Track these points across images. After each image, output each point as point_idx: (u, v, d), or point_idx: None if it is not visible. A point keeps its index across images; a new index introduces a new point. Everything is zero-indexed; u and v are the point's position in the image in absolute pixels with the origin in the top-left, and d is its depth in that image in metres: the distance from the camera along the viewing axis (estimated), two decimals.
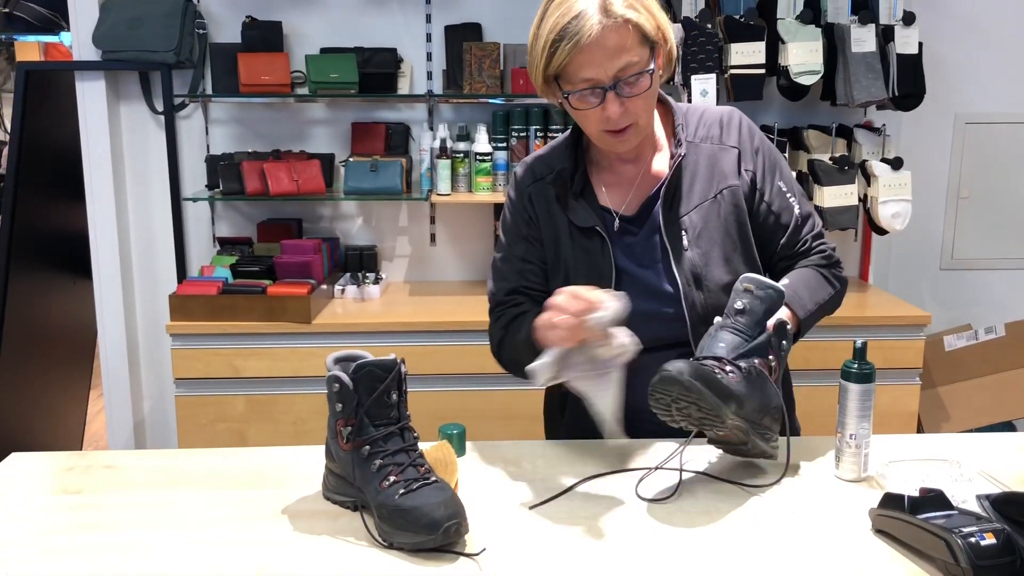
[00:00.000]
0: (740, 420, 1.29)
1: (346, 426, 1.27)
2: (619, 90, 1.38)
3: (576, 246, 1.52)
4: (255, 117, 3.14)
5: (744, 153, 1.52)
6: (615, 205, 1.53)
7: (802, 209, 1.55)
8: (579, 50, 1.35)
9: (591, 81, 1.38)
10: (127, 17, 2.93)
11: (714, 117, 1.55)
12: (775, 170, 1.54)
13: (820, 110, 3.14)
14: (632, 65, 1.37)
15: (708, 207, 1.49)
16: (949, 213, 3.37)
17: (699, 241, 1.48)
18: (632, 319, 1.46)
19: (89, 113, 3.05)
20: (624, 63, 1.37)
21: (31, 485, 1.42)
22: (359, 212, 3.23)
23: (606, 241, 1.50)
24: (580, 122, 1.47)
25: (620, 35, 1.35)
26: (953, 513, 1.14)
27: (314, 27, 3.08)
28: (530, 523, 1.27)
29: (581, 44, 1.34)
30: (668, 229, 1.49)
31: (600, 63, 1.36)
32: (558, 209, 1.54)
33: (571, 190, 1.53)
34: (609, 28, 1.35)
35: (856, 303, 3.01)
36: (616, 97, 1.38)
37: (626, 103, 1.39)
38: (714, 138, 1.53)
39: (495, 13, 3.09)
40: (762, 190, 1.52)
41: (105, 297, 3.13)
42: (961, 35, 3.22)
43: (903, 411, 2.82)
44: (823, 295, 1.50)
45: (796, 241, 1.54)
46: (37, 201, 3.09)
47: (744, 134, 1.54)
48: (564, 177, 1.54)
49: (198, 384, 2.71)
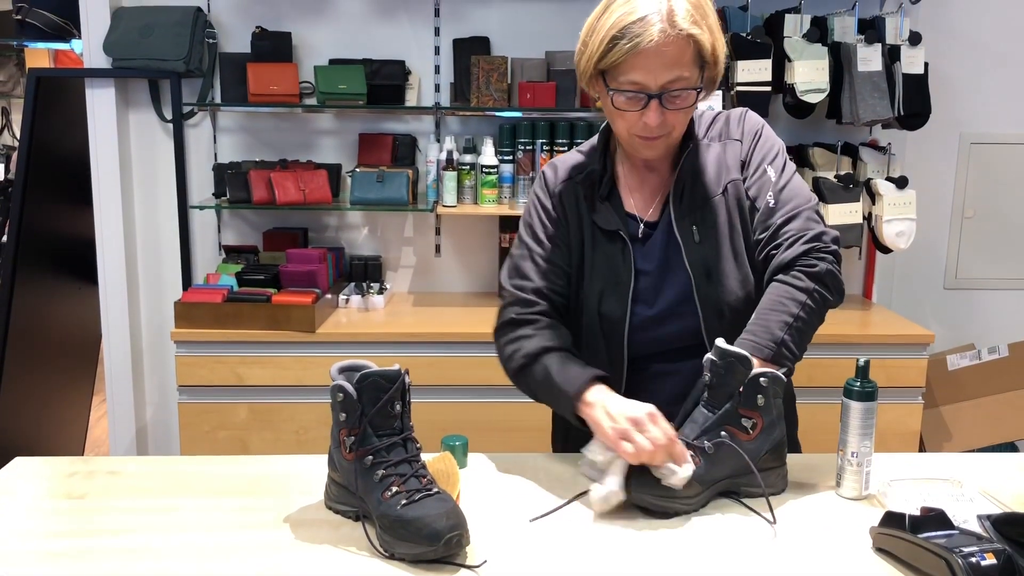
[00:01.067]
0: (710, 492, 1.34)
1: (349, 436, 1.28)
2: (663, 101, 1.39)
3: (598, 249, 1.54)
4: (263, 126, 3.16)
5: (744, 143, 1.54)
6: (639, 211, 1.55)
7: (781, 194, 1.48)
8: (636, 53, 1.35)
9: (639, 85, 1.38)
10: (138, 25, 2.95)
11: (723, 115, 1.58)
12: (765, 154, 1.52)
13: (826, 128, 3.15)
14: (682, 80, 1.38)
15: (716, 202, 1.50)
16: (953, 232, 3.37)
17: (709, 236, 1.49)
18: (649, 321, 1.51)
19: (98, 120, 3.06)
20: (675, 76, 1.38)
21: (35, 490, 1.43)
22: (364, 222, 3.24)
23: (628, 245, 1.51)
24: (613, 121, 1.48)
25: (679, 48, 1.36)
26: (954, 533, 1.14)
27: (323, 38, 3.10)
28: (531, 536, 1.27)
29: (640, 48, 1.35)
30: (679, 225, 1.50)
31: (653, 71, 1.37)
32: (585, 210, 1.55)
33: (598, 193, 1.54)
34: (670, 39, 1.35)
35: (859, 321, 3.01)
36: (659, 106, 1.39)
37: (666, 114, 1.41)
38: (722, 134, 1.55)
39: (503, 27, 3.11)
40: (747, 174, 1.52)
41: (110, 303, 3.14)
42: (967, 56, 3.24)
43: (905, 430, 2.82)
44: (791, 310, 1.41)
45: (768, 226, 1.47)
46: (45, 207, 3.11)
47: (747, 126, 1.54)
48: (593, 179, 1.55)
49: (201, 391, 2.72)
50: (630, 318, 1.51)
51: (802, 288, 1.43)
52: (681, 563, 1.20)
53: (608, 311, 1.52)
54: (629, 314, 1.51)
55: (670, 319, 1.51)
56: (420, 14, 3.10)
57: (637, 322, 1.51)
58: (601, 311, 1.53)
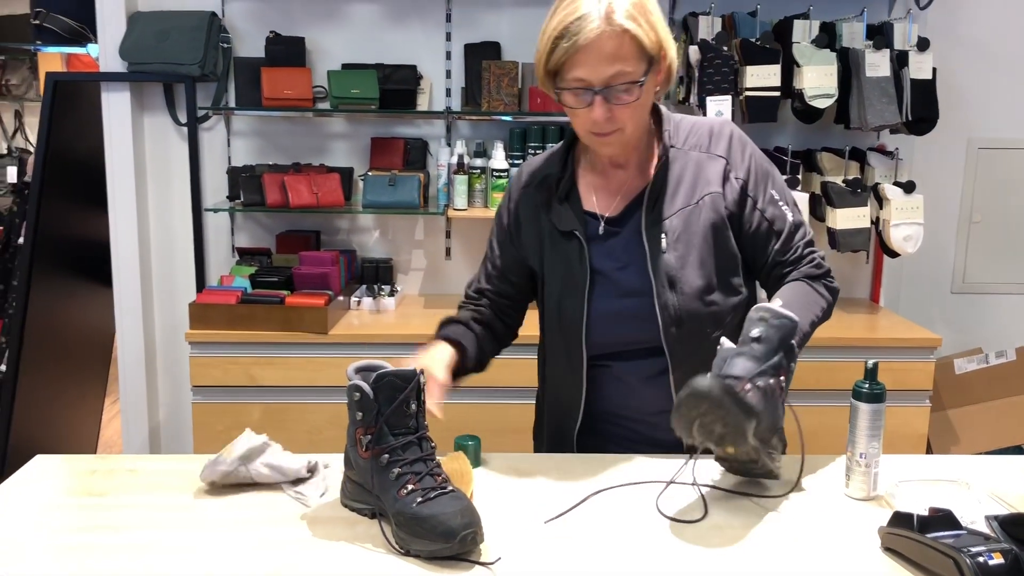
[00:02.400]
0: (755, 440, 1.31)
1: (366, 434, 1.30)
2: (607, 96, 1.42)
3: (555, 250, 1.57)
4: (276, 130, 3.19)
5: (733, 162, 1.55)
6: (602, 209, 1.56)
7: (795, 217, 1.56)
8: (576, 50, 1.39)
9: (582, 82, 1.42)
10: (154, 30, 2.98)
11: (704, 127, 1.58)
12: (767, 178, 1.56)
13: (834, 133, 3.17)
14: (624, 75, 1.41)
15: (690, 212, 1.52)
16: (961, 237, 3.38)
17: (677, 244, 1.51)
18: (606, 320, 1.53)
19: (114, 123, 3.10)
20: (616, 71, 1.40)
21: (56, 487, 1.45)
22: (376, 225, 3.27)
23: (583, 245, 1.54)
24: (571, 120, 1.51)
25: (617, 44, 1.39)
26: (962, 533, 1.15)
27: (336, 43, 3.13)
28: (545, 533, 1.29)
29: (578, 45, 1.39)
30: (649, 231, 1.52)
31: (593, 66, 1.40)
32: (543, 214, 1.59)
33: (556, 195, 1.57)
34: (607, 35, 1.39)
35: (867, 325, 3.03)
36: (604, 102, 1.42)
37: (613, 110, 1.43)
38: (702, 146, 1.55)
39: (514, 32, 3.14)
40: (755, 197, 1.54)
41: (125, 304, 3.17)
42: (975, 61, 3.25)
43: (912, 433, 2.83)
44: (816, 311, 1.51)
45: (789, 248, 1.55)
46: (61, 209, 3.14)
47: (734, 144, 1.56)
48: (549, 183, 1.59)
49: (215, 392, 2.75)
50: (587, 317, 1.53)
51: (826, 302, 1.54)
52: (692, 562, 1.22)
53: (566, 310, 1.56)
54: (586, 313, 1.53)
55: (629, 321, 1.53)
56: (432, 20, 3.13)
57: (594, 321, 1.54)
58: (560, 310, 1.57)
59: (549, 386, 1.68)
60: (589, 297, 1.53)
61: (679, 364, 1.52)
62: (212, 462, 1.41)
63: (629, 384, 1.57)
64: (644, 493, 1.41)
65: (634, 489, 1.43)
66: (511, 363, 2.69)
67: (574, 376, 1.58)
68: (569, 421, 1.61)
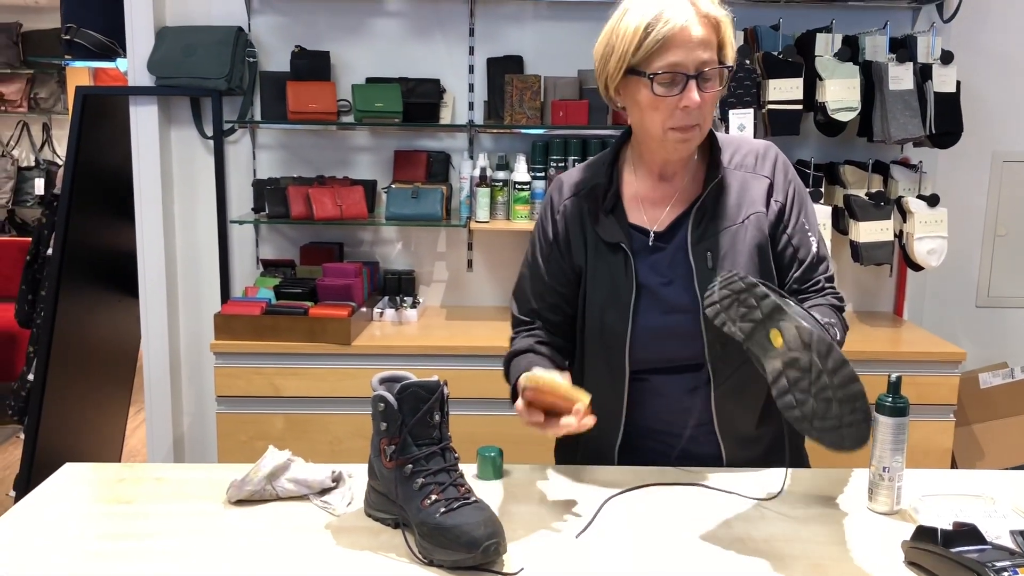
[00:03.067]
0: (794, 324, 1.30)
1: (390, 444, 1.32)
2: (699, 82, 1.44)
3: (600, 261, 1.57)
4: (301, 143, 3.23)
5: (776, 185, 1.56)
6: (649, 223, 1.57)
7: (820, 249, 1.58)
8: (672, 35, 1.42)
9: (676, 66, 1.43)
10: (181, 45, 3.03)
11: (751, 148, 1.60)
12: (802, 207, 1.58)
13: (857, 146, 3.16)
14: (713, 61, 1.45)
15: (735, 231, 1.53)
16: (985, 250, 3.36)
17: (723, 263, 1.51)
18: (650, 335, 1.53)
19: (141, 136, 3.15)
20: (709, 56, 1.44)
21: (85, 494, 1.48)
22: (399, 237, 3.29)
23: (630, 258, 1.54)
24: (647, 118, 1.49)
25: (707, 29, 1.44)
26: (987, 548, 1.15)
27: (361, 57, 3.16)
28: (567, 544, 1.30)
29: (674, 29, 1.41)
30: (695, 248, 1.53)
31: (691, 50, 1.42)
32: (589, 224, 1.59)
33: (602, 207, 1.57)
34: (699, 20, 1.43)
35: (890, 338, 3.01)
36: (696, 86, 1.44)
37: (703, 96, 1.45)
38: (748, 166, 1.57)
39: (536, 46, 3.16)
40: (787, 222, 1.56)
41: (151, 315, 3.21)
42: (999, 74, 3.24)
43: (937, 448, 2.81)
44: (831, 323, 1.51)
45: (809, 278, 1.56)
46: (89, 221, 3.19)
47: (779, 167, 1.58)
48: (597, 193, 1.59)
49: (239, 402, 2.78)
50: (631, 331, 1.53)
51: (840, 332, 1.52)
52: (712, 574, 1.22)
53: (609, 323, 1.55)
54: (631, 327, 1.53)
55: (673, 337, 1.53)
56: (455, 34, 3.16)
57: (638, 336, 1.53)
58: (603, 323, 1.56)
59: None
60: (634, 311, 1.53)
61: (722, 381, 1.52)
62: (239, 481, 1.42)
63: (668, 398, 1.57)
64: (667, 503, 1.42)
65: (657, 499, 1.43)
66: None
67: (615, 391, 1.56)
68: (610, 437, 1.59)
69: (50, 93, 5.67)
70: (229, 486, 1.43)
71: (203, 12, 3.13)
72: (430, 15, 3.15)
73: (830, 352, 1.29)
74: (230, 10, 3.12)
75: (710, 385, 1.53)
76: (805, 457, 1.68)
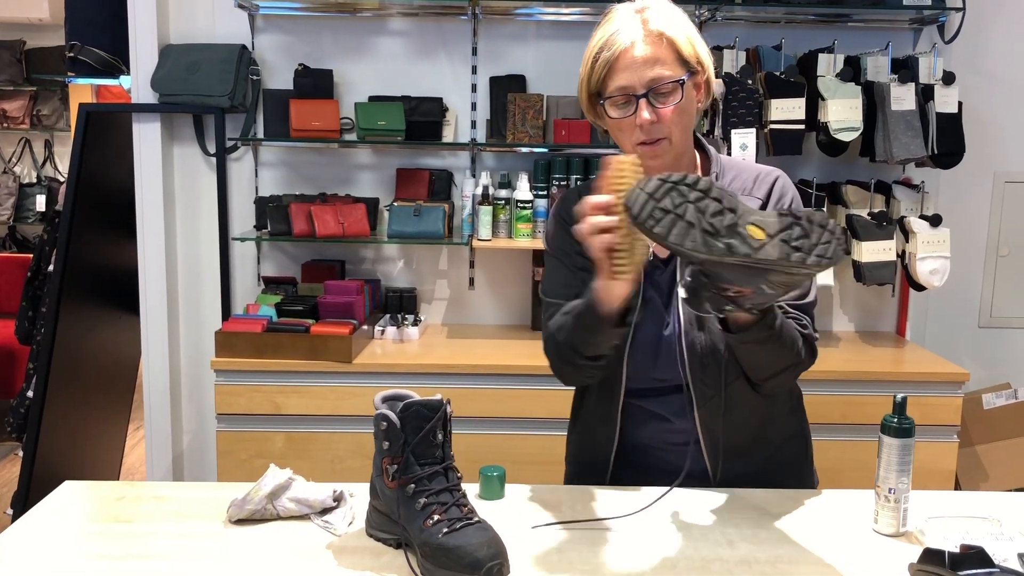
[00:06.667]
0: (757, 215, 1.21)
1: (392, 464, 1.31)
2: (651, 99, 1.44)
3: None
4: (303, 161, 3.23)
5: (768, 207, 1.55)
6: None
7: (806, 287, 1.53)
8: (615, 59, 1.44)
9: (625, 89, 1.45)
10: (185, 62, 3.04)
11: (751, 172, 1.59)
12: None
13: (859, 166, 3.17)
14: (664, 76, 1.44)
15: None
16: (988, 271, 3.36)
17: None
18: (646, 349, 1.53)
19: (144, 154, 3.15)
20: (656, 74, 1.44)
21: (84, 513, 1.47)
22: (400, 255, 3.29)
23: None
24: (617, 139, 1.53)
25: (654, 47, 1.44)
26: (994, 571, 1.14)
27: (364, 76, 3.17)
28: (571, 565, 1.29)
29: (617, 53, 1.44)
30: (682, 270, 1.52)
31: (634, 70, 1.44)
32: None
33: None
34: (644, 40, 1.44)
35: (893, 359, 3.00)
36: (648, 104, 1.45)
37: (659, 112, 1.45)
38: (745, 189, 1.57)
39: (539, 65, 3.17)
40: None
41: (151, 332, 3.21)
42: (1001, 95, 3.24)
43: (941, 469, 2.79)
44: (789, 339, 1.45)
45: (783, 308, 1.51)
46: (90, 237, 3.19)
47: (774, 191, 1.56)
48: None
49: (239, 420, 2.76)
50: (630, 344, 1.53)
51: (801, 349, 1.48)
52: None
53: None
54: (630, 340, 1.52)
55: (655, 354, 1.54)
56: (458, 53, 3.17)
57: (636, 349, 1.53)
58: None
59: (583, 417, 1.68)
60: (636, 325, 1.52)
61: (703, 403, 1.52)
62: (240, 500, 1.41)
63: (660, 417, 1.57)
64: (672, 522, 1.41)
65: (662, 519, 1.42)
66: (537, 394, 2.72)
67: (610, 407, 1.58)
68: (604, 453, 1.61)
69: (52, 110, 5.69)
70: (230, 505, 1.42)
71: (207, 30, 3.15)
72: (433, 34, 3.17)
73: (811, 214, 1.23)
74: (234, 28, 3.13)
75: (694, 408, 1.52)
76: (812, 475, 1.66)
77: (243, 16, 3.12)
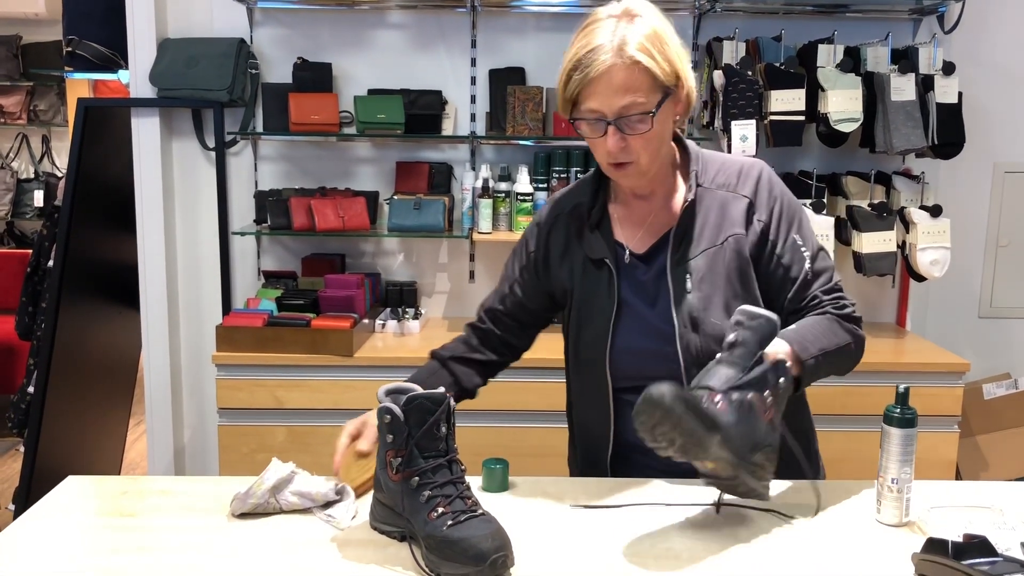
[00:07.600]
0: (727, 453, 1.26)
1: (396, 457, 1.31)
2: (620, 126, 1.43)
3: (587, 277, 1.57)
4: (303, 155, 3.23)
5: (758, 204, 1.53)
6: (627, 240, 1.57)
7: (815, 264, 1.52)
8: (588, 82, 1.41)
9: (595, 112, 1.43)
10: (183, 57, 3.03)
11: (734, 166, 1.57)
12: (791, 223, 1.53)
13: (859, 157, 3.17)
14: (636, 105, 1.41)
15: (714, 253, 1.51)
16: (988, 261, 3.36)
17: (702, 285, 1.50)
18: (629, 354, 1.52)
19: (143, 148, 3.14)
20: (628, 102, 1.41)
21: (88, 508, 1.47)
22: (400, 248, 3.29)
23: (613, 274, 1.54)
24: (592, 150, 1.52)
25: (628, 75, 1.40)
26: (997, 560, 1.14)
27: (363, 69, 3.17)
28: (575, 556, 1.29)
29: (590, 77, 1.41)
30: (674, 271, 1.52)
31: (605, 97, 1.41)
32: (575, 242, 1.59)
33: (588, 223, 1.58)
34: (618, 67, 1.40)
35: (894, 349, 3.01)
36: (616, 132, 1.43)
37: (628, 139, 1.43)
38: (729, 185, 1.54)
39: (538, 58, 3.17)
40: (774, 241, 1.52)
41: (152, 327, 3.20)
42: (1001, 85, 3.24)
43: (941, 459, 2.80)
44: (832, 341, 1.45)
45: (804, 296, 1.52)
46: (90, 233, 3.18)
47: (761, 185, 1.54)
48: (581, 211, 1.60)
49: (241, 414, 2.77)
50: (611, 348, 1.53)
51: (849, 338, 1.49)
52: None
53: (590, 339, 1.56)
54: (610, 344, 1.53)
55: (651, 358, 1.52)
56: (457, 46, 3.16)
57: (618, 354, 1.53)
58: (584, 339, 1.57)
59: (578, 414, 1.68)
60: (615, 328, 1.53)
61: None
62: (243, 495, 1.41)
63: None
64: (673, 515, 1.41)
65: (664, 512, 1.42)
66: (539, 387, 2.72)
67: (601, 406, 1.57)
68: (600, 451, 1.60)
69: (49, 105, 5.67)
70: (233, 499, 1.42)
71: (205, 24, 3.14)
72: (432, 27, 3.16)
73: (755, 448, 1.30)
74: (232, 22, 3.12)
75: None
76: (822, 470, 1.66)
77: (241, 10, 3.11)
